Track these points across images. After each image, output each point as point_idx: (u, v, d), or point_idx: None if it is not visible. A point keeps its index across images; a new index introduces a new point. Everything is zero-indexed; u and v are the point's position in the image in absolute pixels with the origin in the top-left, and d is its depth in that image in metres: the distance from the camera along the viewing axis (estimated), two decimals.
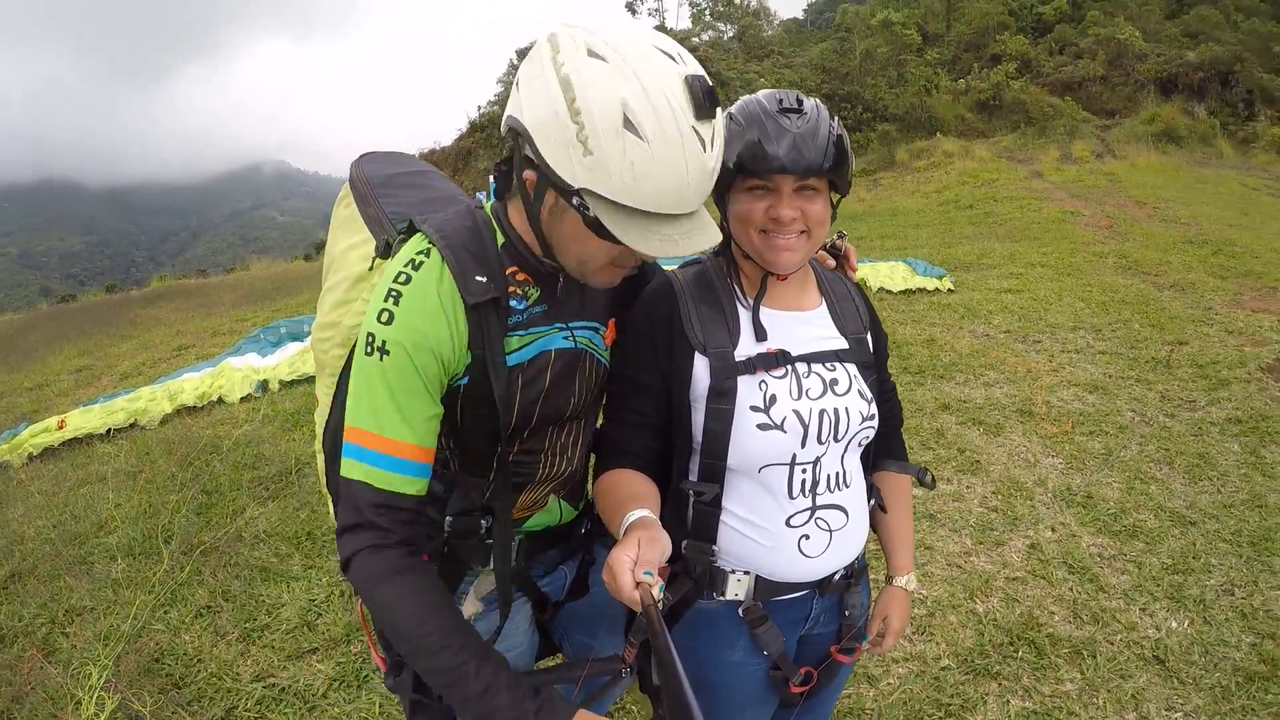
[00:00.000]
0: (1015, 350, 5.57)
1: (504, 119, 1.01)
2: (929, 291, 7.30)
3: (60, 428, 5.14)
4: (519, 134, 0.99)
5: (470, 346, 1.10)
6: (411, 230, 1.16)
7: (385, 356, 1.04)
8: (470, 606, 1.33)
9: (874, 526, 1.46)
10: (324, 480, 1.39)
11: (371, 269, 1.25)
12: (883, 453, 1.43)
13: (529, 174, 1.02)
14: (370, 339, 1.06)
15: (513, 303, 1.15)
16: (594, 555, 1.48)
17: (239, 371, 6.08)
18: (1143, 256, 8.07)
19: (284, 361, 6.30)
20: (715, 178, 1.02)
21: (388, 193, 1.33)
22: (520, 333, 1.16)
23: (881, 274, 7.72)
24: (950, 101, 23.18)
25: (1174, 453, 3.87)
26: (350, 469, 1.06)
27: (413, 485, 1.07)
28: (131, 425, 5.28)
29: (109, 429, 5.17)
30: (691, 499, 1.25)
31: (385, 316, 1.05)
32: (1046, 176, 14.72)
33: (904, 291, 7.30)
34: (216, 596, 3.13)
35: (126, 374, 7.22)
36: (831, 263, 1.47)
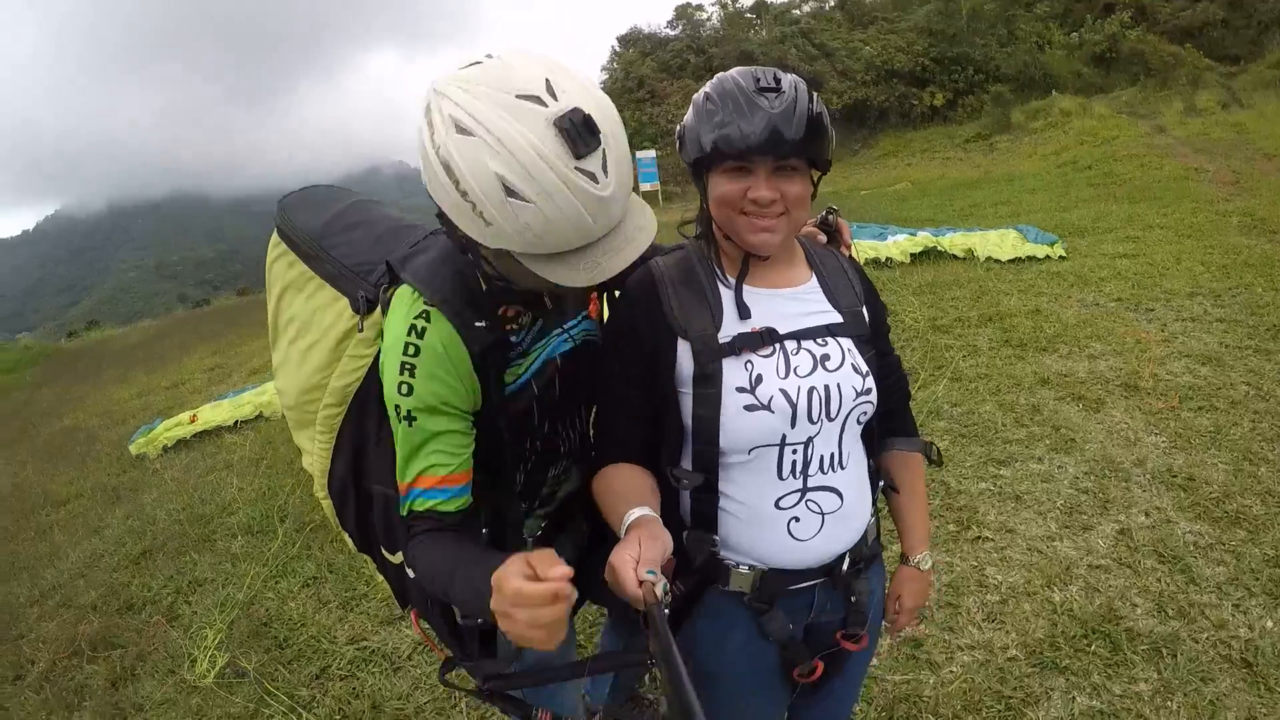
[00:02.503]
0: (1125, 319, 5.23)
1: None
2: (1040, 259, 6.95)
3: (192, 421, 5.68)
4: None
5: (480, 385, 1.16)
6: (393, 276, 1.19)
7: (414, 422, 1.12)
8: None
9: (888, 507, 1.43)
10: (335, 521, 1.48)
11: (362, 329, 1.26)
12: (889, 430, 1.39)
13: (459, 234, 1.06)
14: (398, 410, 1.12)
15: (511, 339, 1.21)
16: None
17: None
18: (1270, 214, 7.35)
19: None
20: (622, 195, 1.01)
21: (334, 243, 1.32)
22: (520, 361, 1.23)
23: (990, 243, 7.40)
24: (1064, 57, 21.70)
25: None
26: (407, 508, 1.15)
27: (459, 502, 1.16)
28: (257, 417, 5.77)
29: (237, 421, 5.67)
30: (682, 488, 1.23)
31: (405, 389, 1.11)
32: (1169, 131, 13.57)
33: (1013, 260, 6.98)
34: (322, 568, 3.44)
35: (256, 370, 7.85)
36: (823, 238, 1.43)
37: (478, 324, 1.12)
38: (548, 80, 0.94)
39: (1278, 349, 4.40)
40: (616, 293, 1.34)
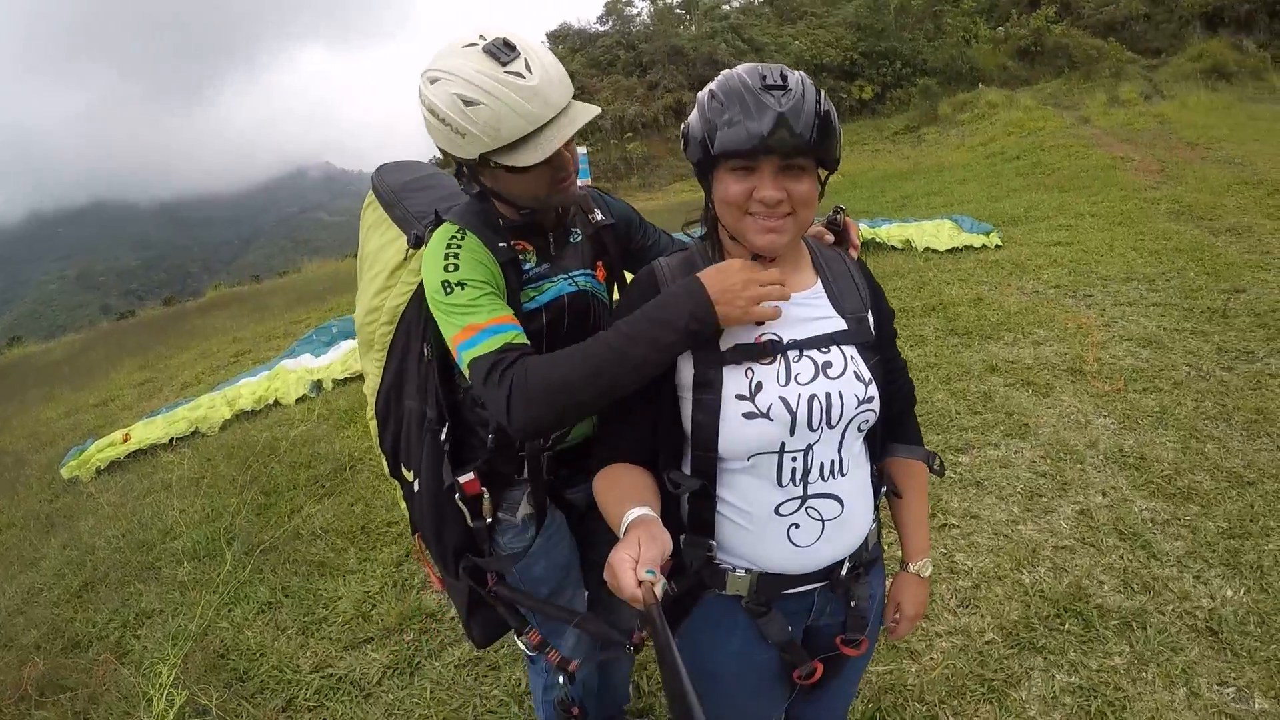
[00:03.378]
0: (1065, 306, 5.40)
1: None
2: (976, 249, 7.13)
3: (125, 440, 5.39)
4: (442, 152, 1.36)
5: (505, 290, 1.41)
6: (438, 221, 1.49)
7: (462, 287, 1.33)
8: (521, 511, 1.61)
9: (890, 513, 1.43)
10: (378, 443, 1.74)
11: (407, 258, 1.57)
12: (892, 436, 1.38)
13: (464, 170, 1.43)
14: (445, 285, 1.34)
15: (524, 265, 1.47)
16: None
17: (294, 373, 6.28)
18: (1196, 201, 7.71)
19: (337, 360, 6.48)
20: (551, 87, 1.30)
21: (407, 195, 1.64)
22: (532, 286, 1.49)
23: (927, 233, 7.56)
24: (990, 50, 22.47)
25: (1231, 408, 3.70)
26: (466, 358, 1.29)
27: (516, 335, 1.31)
28: (193, 433, 5.51)
29: (172, 438, 5.41)
30: (677, 492, 1.23)
31: (451, 267, 1.35)
32: (1094, 122, 14.17)
33: (950, 250, 7.13)
34: (277, 593, 3.27)
35: (187, 383, 7.52)
36: (830, 238, 1.40)
37: (500, 244, 1.42)
38: (482, 33, 1.30)
39: (1213, 330, 4.61)
40: (628, 277, 1.55)
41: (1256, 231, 6.51)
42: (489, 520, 1.58)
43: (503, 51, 1.27)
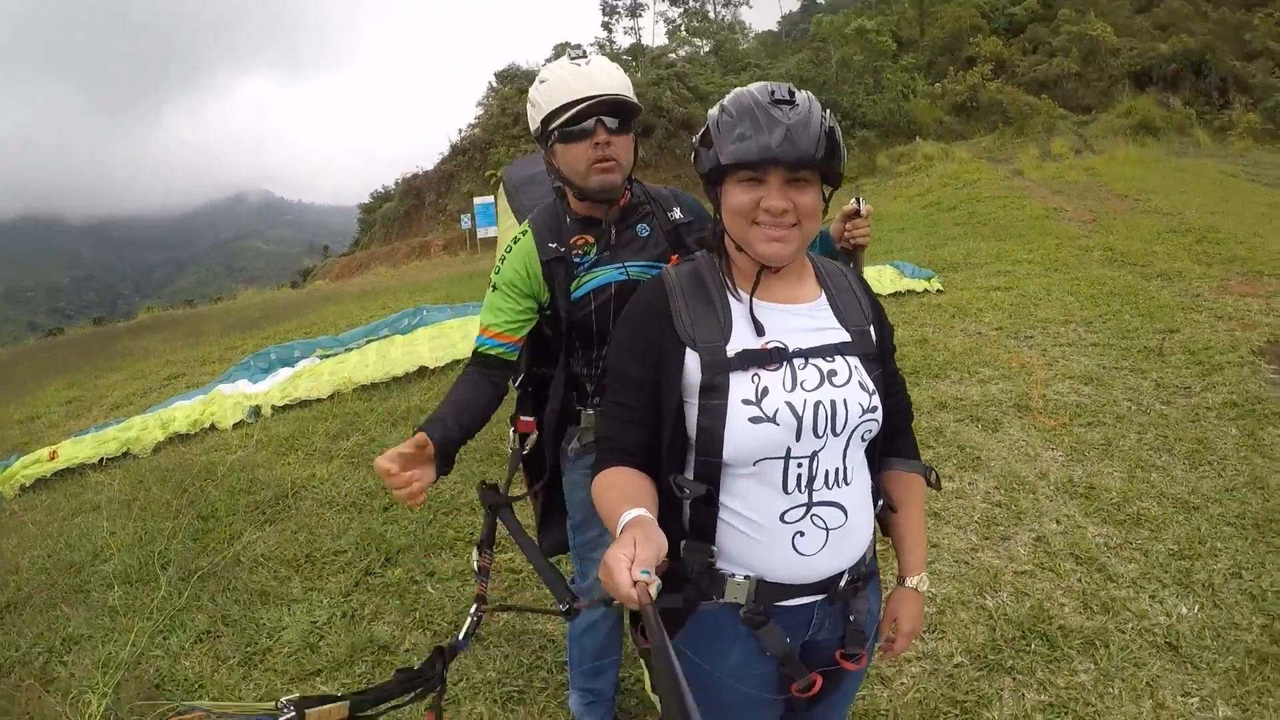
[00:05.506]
0: (1008, 346, 5.58)
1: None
2: (918, 293, 7.32)
3: (52, 458, 5.08)
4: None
5: (546, 284, 1.74)
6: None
7: (494, 289, 1.77)
8: (573, 446, 1.92)
9: (884, 527, 1.43)
10: None
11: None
12: (891, 450, 1.40)
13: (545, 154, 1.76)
14: (491, 280, 1.78)
15: (575, 259, 1.74)
16: None
17: (230, 398, 6.03)
18: (1128, 248, 8.13)
19: (275, 387, 6.27)
20: (601, 72, 1.66)
21: (526, 189, 2.02)
22: (584, 275, 1.74)
23: (869, 278, 7.73)
24: (928, 105, 23.50)
25: (1173, 439, 3.88)
26: (475, 346, 1.76)
27: (500, 352, 1.74)
28: (124, 454, 5.22)
29: (101, 458, 5.11)
30: (684, 497, 1.23)
31: (497, 270, 1.78)
32: (1027, 175, 14.89)
33: (893, 294, 7.33)
34: (216, 622, 3.08)
35: (117, 404, 7.16)
36: (852, 208, 1.73)
37: (550, 244, 1.73)
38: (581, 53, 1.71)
39: (1151, 369, 4.83)
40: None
41: (1186, 276, 6.89)
42: (527, 451, 1.95)
43: (577, 54, 1.68)
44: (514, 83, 30.06)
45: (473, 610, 1.62)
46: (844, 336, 1.26)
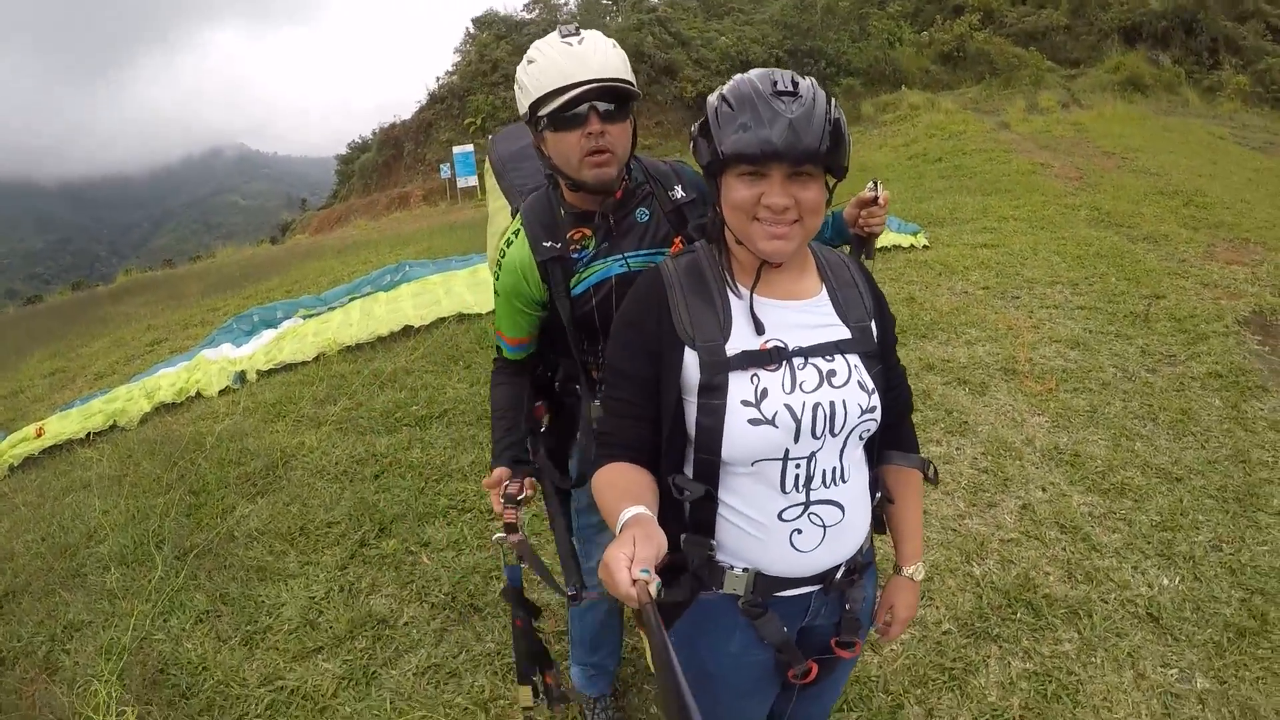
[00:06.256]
0: (995, 307, 5.58)
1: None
2: (904, 248, 7.24)
3: (39, 435, 5.02)
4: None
5: (544, 283, 1.69)
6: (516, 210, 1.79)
7: (498, 296, 1.77)
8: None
9: (881, 519, 1.45)
10: None
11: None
12: (889, 443, 1.41)
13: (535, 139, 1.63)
14: (494, 287, 1.78)
15: (573, 255, 1.67)
16: None
17: (215, 364, 5.94)
18: (1114, 208, 8.10)
19: (260, 350, 6.15)
20: (594, 52, 1.52)
21: (515, 166, 1.92)
22: (582, 270, 1.68)
23: None
24: (914, 54, 23.07)
25: (1157, 408, 3.93)
26: (500, 348, 1.85)
27: (516, 354, 1.84)
28: (111, 427, 5.17)
29: (88, 433, 5.06)
30: (684, 499, 1.24)
31: (495, 276, 1.76)
32: (1013, 128, 14.73)
33: (879, 249, 7.27)
34: (215, 600, 3.10)
35: (101, 374, 7.06)
36: (869, 195, 1.70)
37: (545, 244, 1.66)
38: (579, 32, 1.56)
39: (1137, 334, 4.87)
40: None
41: (1173, 240, 6.90)
42: (540, 431, 1.98)
43: (568, 30, 1.56)
44: (492, 29, 29.13)
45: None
46: (844, 334, 1.25)
